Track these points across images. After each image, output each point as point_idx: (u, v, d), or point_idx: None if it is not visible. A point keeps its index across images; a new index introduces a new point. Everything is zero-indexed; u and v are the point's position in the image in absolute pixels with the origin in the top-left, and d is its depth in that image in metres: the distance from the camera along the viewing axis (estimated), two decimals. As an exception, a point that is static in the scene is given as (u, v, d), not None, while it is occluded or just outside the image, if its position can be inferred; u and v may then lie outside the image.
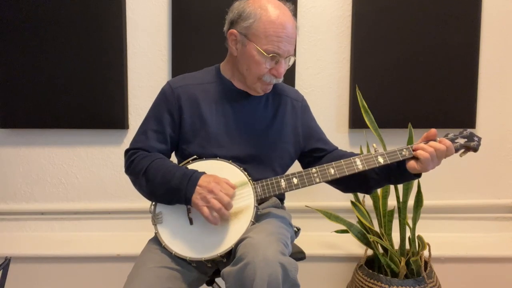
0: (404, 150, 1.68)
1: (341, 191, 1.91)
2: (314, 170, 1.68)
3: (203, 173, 1.62)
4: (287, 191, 1.69)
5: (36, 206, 3.04)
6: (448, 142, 1.66)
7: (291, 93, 1.94)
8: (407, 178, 1.74)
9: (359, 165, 1.68)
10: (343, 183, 1.83)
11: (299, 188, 1.67)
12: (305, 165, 1.98)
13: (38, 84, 2.89)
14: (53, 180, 3.03)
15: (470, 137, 1.75)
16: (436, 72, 2.91)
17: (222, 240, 1.58)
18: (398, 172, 1.72)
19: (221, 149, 1.75)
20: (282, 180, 1.68)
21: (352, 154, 1.83)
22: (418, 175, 1.71)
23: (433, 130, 1.70)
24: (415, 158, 1.65)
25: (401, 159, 1.68)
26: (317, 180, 1.67)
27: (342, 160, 1.69)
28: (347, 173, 1.67)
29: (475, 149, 1.74)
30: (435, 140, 1.68)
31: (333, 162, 1.69)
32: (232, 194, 1.57)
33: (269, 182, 1.68)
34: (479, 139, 1.76)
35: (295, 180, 1.67)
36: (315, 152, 1.92)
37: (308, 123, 1.96)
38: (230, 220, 1.60)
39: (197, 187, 1.56)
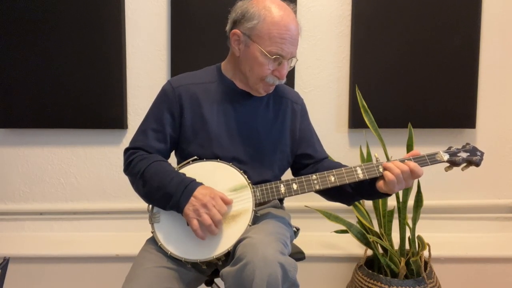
0: (406, 161, 1.66)
1: (326, 199, 1.90)
2: (314, 176, 1.68)
3: (201, 184, 1.61)
4: (286, 196, 1.68)
5: (35, 206, 3.03)
6: (412, 164, 1.61)
7: (291, 96, 1.93)
8: (379, 196, 1.72)
9: (359, 173, 1.66)
10: (325, 193, 1.83)
11: (298, 194, 1.67)
12: (294, 171, 1.98)
13: (37, 84, 2.88)
14: (51, 180, 3.02)
15: (473, 152, 1.74)
16: (436, 72, 2.90)
17: (218, 242, 1.57)
18: (370, 190, 1.71)
19: (222, 150, 1.74)
20: (282, 185, 1.67)
21: (340, 165, 1.82)
22: (388, 194, 1.69)
23: (415, 152, 1.69)
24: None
25: None
26: (317, 187, 1.67)
27: (343, 168, 1.68)
28: (347, 181, 1.66)
29: (477, 164, 1.73)
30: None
31: (333, 170, 1.68)
32: (225, 211, 1.56)
33: (268, 186, 1.68)
34: (482, 153, 1.75)
35: (294, 186, 1.67)
36: (303, 158, 1.91)
37: (305, 127, 1.94)
38: (228, 222, 1.59)
39: (192, 198, 1.55)
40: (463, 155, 1.72)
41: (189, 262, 1.59)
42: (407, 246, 2.55)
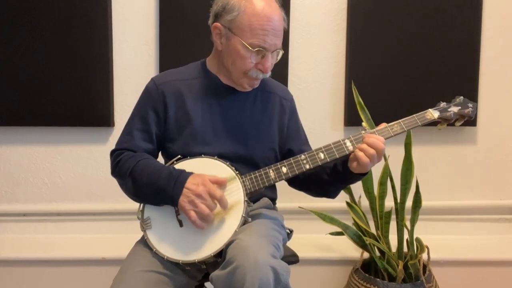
0: (395, 125, 1.69)
1: (311, 196, 1.90)
2: (303, 156, 1.66)
3: (191, 173, 1.60)
4: (276, 181, 1.67)
5: (18, 207, 2.98)
6: (381, 138, 1.62)
7: (280, 91, 1.92)
8: (355, 178, 1.71)
9: (349, 146, 1.65)
10: (307, 187, 1.86)
11: (289, 177, 1.66)
12: None
13: (20, 80, 2.82)
14: (35, 180, 2.97)
15: (464, 104, 1.73)
16: (435, 68, 2.86)
17: (213, 239, 1.56)
18: (344, 173, 1.70)
19: (207, 147, 1.73)
20: (271, 171, 1.66)
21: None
22: (364, 174, 1.70)
23: (382, 124, 1.71)
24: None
25: (392, 135, 1.67)
26: (307, 166, 1.64)
27: (331, 143, 1.66)
28: (337, 156, 1.64)
29: (470, 116, 1.71)
30: None
31: (322, 146, 1.66)
32: (220, 196, 1.54)
33: (257, 174, 1.67)
34: (474, 105, 1.73)
35: (284, 169, 1.66)
36: (286, 155, 1.87)
37: (293, 124, 1.94)
38: (220, 217, 1.58)
39: (184, 190, 1.54)
40: (454, 109, 1.71)
41: (187, 263, 1.58)
42: (405, 249, 2.53)
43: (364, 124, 1.70)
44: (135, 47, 2.90)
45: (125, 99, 2.91)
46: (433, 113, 1.70)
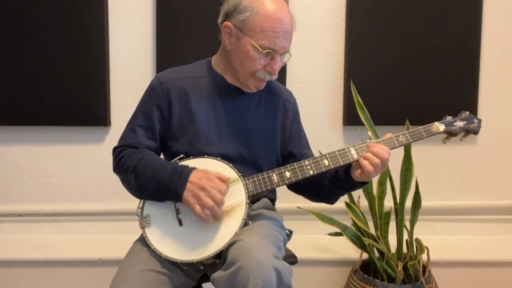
0: (401, 136, 1.69)
1: (310, 200, 1.90)
2: (307, 162, 1.66)
3: (194, 168, 1.59)
4: (279, 185, 1.67)
5: (13, 207, 2.96)
6: (387, 149, 1.63)
7: (284, 94, 1.92)
8: (356, 186, 1.73)
9: (354, 154, 1.65)
10: (304, 190, 1.86)
11: (292, 181, 1.66)
12: None
13: (16, 79, 2.80)
14: (31, 180, 2.95)
15: (470, 119, 1.75)
16: (435, 66, 2.85)
17: (213, 240, 1.55)
18: (346, 181, 1.72)
19: (210, 147, 1.72)
20: (274, 174, 1.66)
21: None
22: (365, 183, 1.71)
23: (388, 135, 1.71)
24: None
25: (398, 145, 1.68)
26: (311, 172, 1.65)
27: (336, 150, 1.66)
28: (342, 163, 1.65)
29: (475, 132, 1.74)
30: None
31: (326, 153, 1.66)
32: (224, 190, 1.55)
33: (260, 177, 1.66)
34: (479, 121, 1.75)
35: (287, 174, 1.66)
36: (287, 158, 1.89)
37: (295, 128, 1.94)
38: (221, 219, 1.58)
39: (188, 184, 1.53)
40: (460, 123, 1.74)
41: (185, 263, 1.57)
42: (404, 250, 2.51)
43: (369, 133, 1.69)
44: (132, 46, 2.88)
45: (122, 98, 2.89)
46: (439, 126, 1.72)
